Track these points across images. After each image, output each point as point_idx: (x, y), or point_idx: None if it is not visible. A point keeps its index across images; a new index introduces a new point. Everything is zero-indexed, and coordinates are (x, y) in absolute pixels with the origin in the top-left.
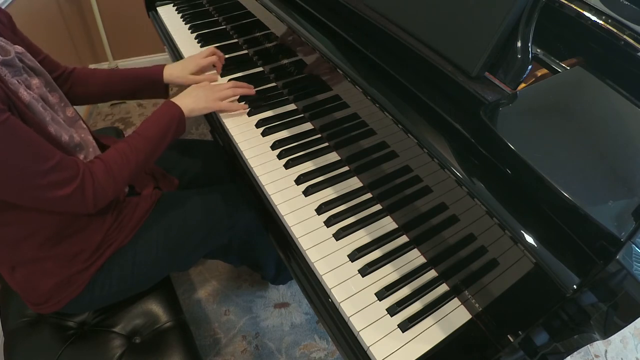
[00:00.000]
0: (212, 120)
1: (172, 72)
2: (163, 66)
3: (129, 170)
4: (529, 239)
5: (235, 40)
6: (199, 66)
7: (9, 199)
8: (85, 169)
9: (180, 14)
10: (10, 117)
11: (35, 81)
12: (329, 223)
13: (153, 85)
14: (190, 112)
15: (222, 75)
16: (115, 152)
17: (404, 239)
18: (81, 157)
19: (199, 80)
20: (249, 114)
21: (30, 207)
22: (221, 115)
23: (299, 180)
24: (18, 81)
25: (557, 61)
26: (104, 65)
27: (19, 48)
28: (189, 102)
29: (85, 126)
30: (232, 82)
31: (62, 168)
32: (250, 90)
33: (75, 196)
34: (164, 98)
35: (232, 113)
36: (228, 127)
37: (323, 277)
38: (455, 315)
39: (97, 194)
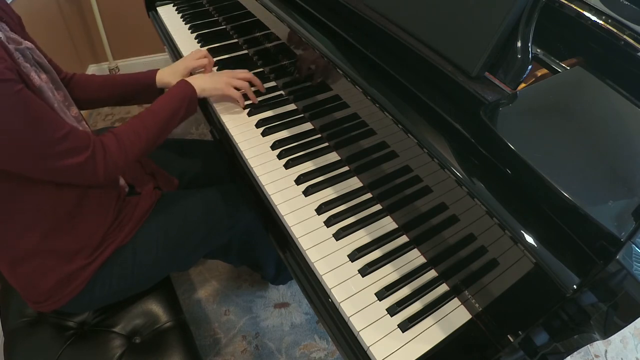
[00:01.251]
0: (212, 120)
1: (163, 76)
2: (156, 71)
3: (139, 144)
4: (529, 239)
5: (235, 40)
6: (188, 69)
7: (23, 169)
8: (97, 139)
9: (180, 14)
10: (24, 88)
11: (43, 76)
12: (329, 223)
13: (147, 90)
14: (202, 92)
15: None
16: (127, 127)
17: (404, 239)
18: None
19: None
20: (249, 114)
21: (30, 196)
22: (221, 115)
23: (299, 180)
24: (30, 65)
25: (557, 61)
26: (104, 66)
27: (29, 44)
28: (201, 82)
29: (87, 127)
30: (251, 74)
31: (75, 137)
32: (260, 88)
33: (87, 165)
34: None
35: (232, 113)
36: (228, 127)
37: (323, 277)
38: (455, 315)
39: (108, 164)
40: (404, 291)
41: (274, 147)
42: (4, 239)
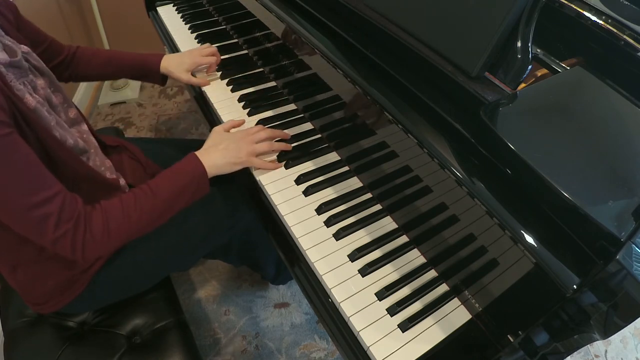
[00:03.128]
0: (212, 120)
1: (169, 65)
2: (162, 56)
3: (127, 228)
4: (529, 239)
5: (235, 40)
6: (195, 64)
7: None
8: (81, 215)
9: (180, 14)
10: (15, 133)
11: (40, 82)
12: (329, 223)
13: (150, 73)
14: (217, 170)
15: (222, 78)
16: (118, 205)
17: (404, 239)
18: (83, 159)
19: (193, 82)
20: (249, 114)
21: None
22: (221, 115)
23: (299, 180)
24: (25, 82)
25: (557, 61)
26: None
27: (25, 48)
28: (217, 157)
29: (86, 127)
30: (269, 130)
31: (59, 202)
32: (287, 146)
33: (65, 238)
34: (161, 85)
35: (232, 113)
36: None
37: (323, 277)
38: (455, 315)
39: (87, 244)
40: (404, 291)
41: None
42: (5, 245)
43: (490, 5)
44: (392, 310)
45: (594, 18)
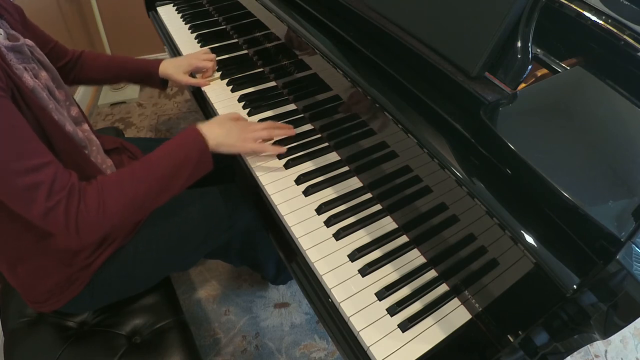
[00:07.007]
0: None
1: (167, 68)
2: (161, 61)
3: (123, 202)
4: (529, 239)
5: (235, 40)
6: (192, 66)
7: None
8: (75, 186)
9: (180, 14)
10: (8, 99)
11: (43, 74)
12: (329, 223)
13: (149, 77)
14: (217, 147)
15: (222, 78)
16: (115, 179)
17: (404, 239)
18: (85, 152)
19: (191, 83)
20: (249, 114)
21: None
22: (220, 114)
23: (299, 180)
24: (26, 68)
25: (557, 61)
26: None
27: (29, 41)
28: (219, 134)
29: (88, 127)
30: (269, 122)
31: (50, 172)
32: (289, 131)
33: (57, 209)
34: (162, 90)
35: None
36: None
37: (323, 277)
38: (455, 315)
39: (81, 217)
40: (404, 291)
41: None
42: (4, 240)
43: (490, 5)
44: (392, 310)
45: (594, 18)
